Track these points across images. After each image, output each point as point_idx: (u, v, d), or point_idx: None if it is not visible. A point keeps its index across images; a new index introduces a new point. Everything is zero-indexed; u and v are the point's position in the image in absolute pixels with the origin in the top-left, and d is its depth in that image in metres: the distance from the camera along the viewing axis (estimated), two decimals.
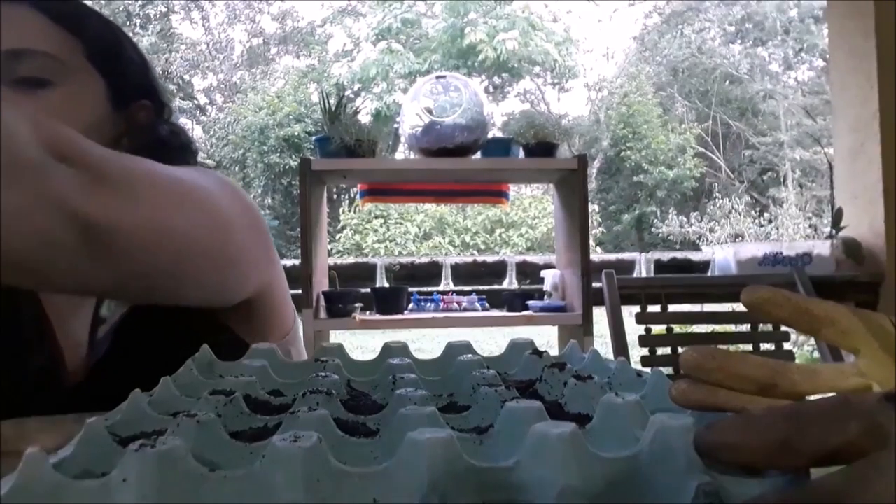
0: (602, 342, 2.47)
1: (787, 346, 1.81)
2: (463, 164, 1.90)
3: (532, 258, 2.56)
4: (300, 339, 0.82)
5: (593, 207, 13.06)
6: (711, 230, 11.57)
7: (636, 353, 1.76)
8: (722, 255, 2.31)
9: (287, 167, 12.27)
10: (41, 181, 0.42)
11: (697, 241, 11.33)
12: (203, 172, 0.65)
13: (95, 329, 0.71)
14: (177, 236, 0.53)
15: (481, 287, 2.25)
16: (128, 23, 13.20)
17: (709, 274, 2.34)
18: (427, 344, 6.16)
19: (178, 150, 0.74)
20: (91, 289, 0.56)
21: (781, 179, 14.14)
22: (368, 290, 1.99)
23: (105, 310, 0.72)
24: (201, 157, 0.79)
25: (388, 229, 11.48)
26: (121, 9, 12.98)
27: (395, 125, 2.08)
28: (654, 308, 1.78)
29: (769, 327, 1.83)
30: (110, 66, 0.68)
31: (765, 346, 1.80)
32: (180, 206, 0.54)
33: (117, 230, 0.47)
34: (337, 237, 11.22)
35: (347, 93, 12.59)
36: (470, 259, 2.69)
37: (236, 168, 12.78)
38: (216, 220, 0.58)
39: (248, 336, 0.70)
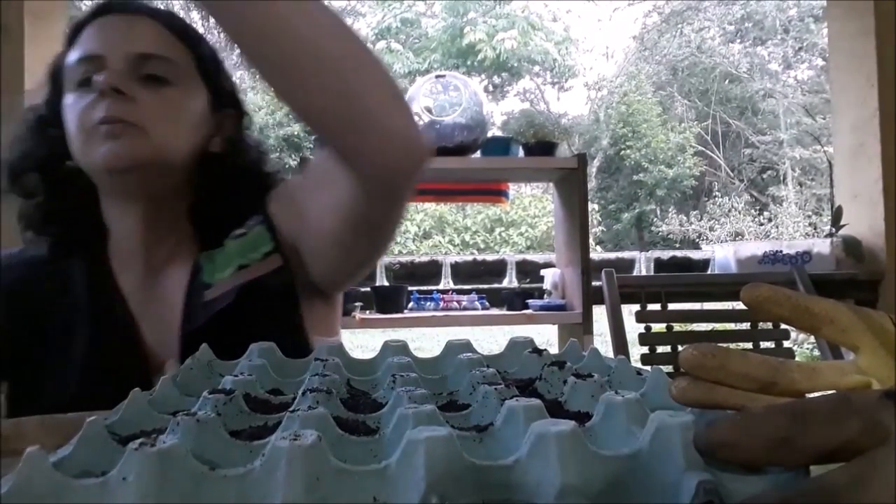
0: (602, 341, 2.46)
1: (786, 344, 1.81)
2: (462, 164, 1.90)
3: (532, 257, 2.56)
4: None
5: (593, 206, 13.05)
6: (711, 229, 11.57)
7: (636, 351, 1.76)
8: (722, 254, 2.31)
9: (287, 167, 12.27)
10: None
11: (697, 240, 11.33)
12: None
13: (196, 292, 0.77)
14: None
15: (481, 286, 2.25)
16: None
17: (709, 272, 2.34)
18: (427, 343, 6.16)
19: (260, 155, 0.86)
20: None
21: (781, 178, 14.13)
22: (368, 288, 1.99)
23: (206, 276, 0.78)
24: None
25: None
26: None
27: None
28: (654, 306, 1.78)
29: (769, 325, 1.83)
30: (211, 77, 0.81)
31: (765, 345, 1.80)
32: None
33: None
34: None
35: None
36: (470, 258, 2.68)
37: None
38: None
39: (320, 335, 0.80)
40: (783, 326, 1.80)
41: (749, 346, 1.78)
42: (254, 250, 0.78)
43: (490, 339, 6.13)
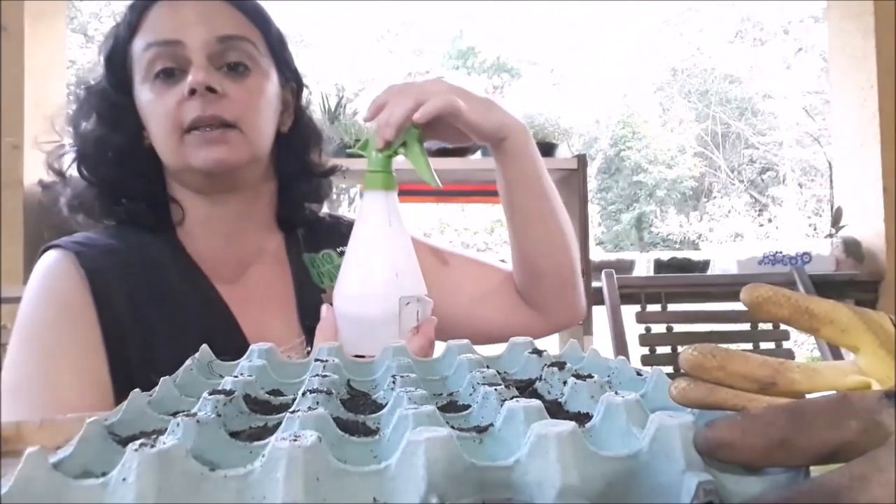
0: (602, 341, 2.46)
1: (786, 344, 1.81)
2: (462, 164, 1.90)
3: None
4: None
5: (593, 207, 13.03)
6: (711, 229, 11.58)
7: (636, 352, 1.75)
8: (722, 255, 2.31)
9: None
10: None
11: (697, 241, 11.34)
12: None
13: (309, 290, 0.81)
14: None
15: None
16: None
17: (708, 273, 2.34)
18: None
19: (315, 129, 0.88)
20: None
21: (781, 179, 14.13)
22: None
23: (316, 280, 0.83)
24: None
25: None
26: (121, 9, 12.92)
27: None
28: (654, 307, 1.78)
29: (769, 326, 1.82)
30: (279, 56, 0.81)
31: (764, 345, 1.80)
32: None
33: None
34: None
35: (347, 93, 12.57)
36: None
37: None
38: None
39: None
40: (783, 327, 1.80)
41: (749, 346, 1.78)
42: None
43: None
